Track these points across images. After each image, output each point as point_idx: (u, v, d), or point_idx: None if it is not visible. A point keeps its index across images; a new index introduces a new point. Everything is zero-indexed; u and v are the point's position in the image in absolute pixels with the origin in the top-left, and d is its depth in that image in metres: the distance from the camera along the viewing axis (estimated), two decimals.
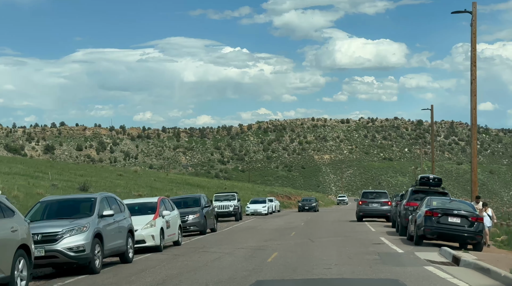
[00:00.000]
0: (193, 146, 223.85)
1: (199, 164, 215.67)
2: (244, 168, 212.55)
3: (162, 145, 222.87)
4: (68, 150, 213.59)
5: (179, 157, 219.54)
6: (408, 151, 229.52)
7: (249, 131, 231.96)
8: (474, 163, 28.12)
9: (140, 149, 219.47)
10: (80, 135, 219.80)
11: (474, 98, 28.22)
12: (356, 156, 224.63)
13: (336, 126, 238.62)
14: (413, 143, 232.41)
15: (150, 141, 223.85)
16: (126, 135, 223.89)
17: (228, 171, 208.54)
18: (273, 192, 71.19)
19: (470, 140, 28.76)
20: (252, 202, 50.45)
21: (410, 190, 25.14)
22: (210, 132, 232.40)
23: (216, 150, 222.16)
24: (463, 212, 18.96)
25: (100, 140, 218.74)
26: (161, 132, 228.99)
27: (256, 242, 21.67)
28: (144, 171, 76.37)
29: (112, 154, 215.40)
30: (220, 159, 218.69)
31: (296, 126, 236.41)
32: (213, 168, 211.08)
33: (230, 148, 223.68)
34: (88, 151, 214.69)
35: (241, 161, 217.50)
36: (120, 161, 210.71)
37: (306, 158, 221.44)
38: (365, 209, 34.65)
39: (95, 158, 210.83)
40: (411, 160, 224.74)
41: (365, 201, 34.76)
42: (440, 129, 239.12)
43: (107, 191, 48.12)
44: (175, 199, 28.70)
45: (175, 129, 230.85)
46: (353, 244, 20.15)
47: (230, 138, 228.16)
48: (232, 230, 30.81)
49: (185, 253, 18.53)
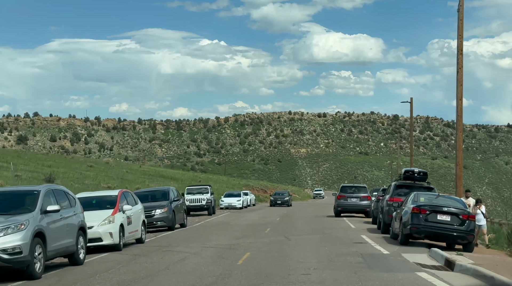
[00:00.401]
0: (169, 138, 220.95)
1: (175, 156, 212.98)
2: (221, 160, 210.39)
3: (138, 136, 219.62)
4: (41, 140, 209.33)
5: (155, 149, 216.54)
6: (384, 145, 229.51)
7: (226, 124, 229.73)
8: (460, 156, 26.45)
9: (116, 140, 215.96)
10: (54, 126, 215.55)
11: (460, 88, 26.55)
12: (333, 150, 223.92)
13: (312, 120, 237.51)
14: (389, 137, 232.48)
15: (126, 133, 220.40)
16: (101, 127, 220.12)
17: (204, 164, 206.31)
18: (249, 185, 69.23)
19: (456, 132, 27.07)
20: (227, 195, 48.45)
21: (393, 184, 23.39)
22: (186, 124, 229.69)
23: (193, 143, 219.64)
24: (453, 209, 17.22)
25: (74, 132, 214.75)
26: (137, 124, 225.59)
27: (228, 240, 19.74)
28: (117, 163, 73.89)
29: (86, 145, 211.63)
30: (197, 151, 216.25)
31: (273, 120, 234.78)
32: (189, 161, 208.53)
33: (206, 141, 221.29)
34: (62, 142, 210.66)
35: (218, 153, 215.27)
36: (95, 152, 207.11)
37: (282, 151, 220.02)
38: (344, 204, 32.89)
39: (69, 149, 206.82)
40: (387, 154, 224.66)
41: (343, 195, 33.01)
42: (416, 125, 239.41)
43: (74, 182, 45.81)
44: (141, 192, 26.62)
45: (151, 121, 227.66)
46: (333, 243, 18.33)
47: (206, 131, 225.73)
48: (204, 225, 28.83)
49: (147, 253, 16.52)
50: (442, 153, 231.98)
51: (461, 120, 26.57)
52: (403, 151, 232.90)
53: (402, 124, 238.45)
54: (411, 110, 50.15)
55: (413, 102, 50.30)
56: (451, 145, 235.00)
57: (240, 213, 40.21)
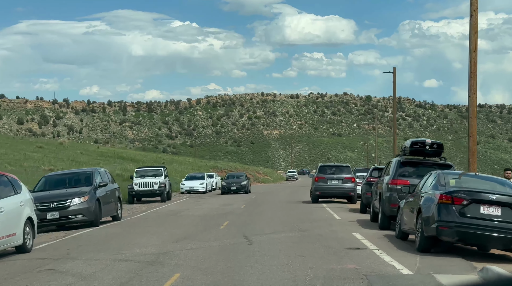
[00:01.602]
0: (140, 120, 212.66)
1: (146, 138, 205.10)
2: (193, 143, 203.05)
3: (108, 119, 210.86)
4: (8, 123, 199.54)
5: (125, 131, 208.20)
6: (357, 126, 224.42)
7: (198, 106, 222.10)
8: (473, 125, 20.00)
9: (85, 123, 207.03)
10: (21, 109, 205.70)
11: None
12: (306, 131, 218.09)
13: (285, 102, 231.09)
14: (362, 118, 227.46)
15: (96, 115, 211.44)
16: (70, 109, 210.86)
17: (176, 146, 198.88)
18: (217, 167, 62.50)
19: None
20: (188, 178, 41.48)
21: (395, 160, 16.68)
22: (158, 106, 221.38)
23: (164, 125, 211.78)
24: (504, 197, 10.73)
25: (42, 114, 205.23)
26: (107, 106, 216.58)
27: (159, 245, 13.05)
28: (72, 144, 66.43)
29: (55, 128, 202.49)
30: (168, 133, 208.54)
31: (245, 101, 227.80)
32: (160, 143, 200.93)
33: (178, 123, 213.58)
34: (30, 124, 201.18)
35: (190, 136, 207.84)
36: (64, 135, 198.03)
37: (255, 133, 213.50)
38: (323, 187, 26.35)
39: (37, 131, 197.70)
40: (360, 135, 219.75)
41: (322, 177, 26.46)
42: (388, 105, 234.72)
43: (10, 165, 38.52)
44: (56, 175, 19.68)
45: (121, 103, 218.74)
46: (316, 250, 11.75)
47: (178, 113, 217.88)
48: (146, 217, 22.06)
49: (14, 275, 9.78)
50: (414, 134, 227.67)
51: (475, 78, 20.05)
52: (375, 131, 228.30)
53: (374, 105, 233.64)
54: (394, 81, 43.82)
55: (395, 73, 43.95)
56: (423, 125, 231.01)
57: (200, 199, 33.53)
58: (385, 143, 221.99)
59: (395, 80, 43.85)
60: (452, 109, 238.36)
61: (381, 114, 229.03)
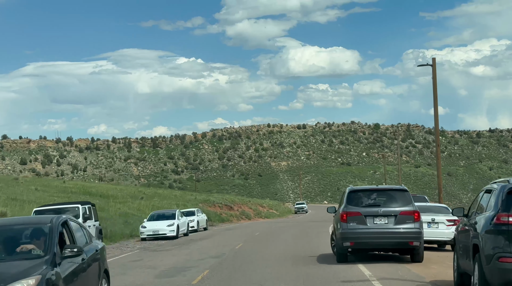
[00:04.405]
0: (145, 156, 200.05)
1: (152, 174, 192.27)
2: (199, 177, 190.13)
3: (113, 156, 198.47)
4: (11, 164, 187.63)
5: (130, 168, 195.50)
6: (366, 155, 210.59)
7: (204, 140, 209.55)
8: None
9: (89, 160, 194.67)
10: (24, 149, 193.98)
11: None
12: (314, 161, 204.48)
13: (292, 132, 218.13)
14: (371, 147, 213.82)
15: (100, 152, 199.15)
16: (74, 147, 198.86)
17: (182, 181, 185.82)
18: (209, 200, 49.23)
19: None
20: (153, 217, 28.08)
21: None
22: (163, 141, 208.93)
23: (170, 160, 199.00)
24: None
25: (46, 153, 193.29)
26: (111, 143, 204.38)
27: None
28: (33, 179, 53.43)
29: (58, 167, 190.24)
30: (174, 169, 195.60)
31: (251, 133, 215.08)
32: (166, 178, 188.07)
33: (184, 157, 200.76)
34: (33, 164, 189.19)
35: (196, 170, 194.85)
36: (68, 174, 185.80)
37: (262, 165, 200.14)
38: (357, 232, 12.88)
39: (40, 171, 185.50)
40: (369, 164, 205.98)
41: (355, 212, 13.05)
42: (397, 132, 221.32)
43: None
44: None
45: (125, 140, 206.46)
46: None
47: (184, 148, 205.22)
48: None
49: None
50: (425, 161, 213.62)
51: None
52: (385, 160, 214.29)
53: (383, 133, 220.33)
54: (433, 72, 30.73)
55: (435, 64, 30.90)
56: (434, 152, 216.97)
57: (157, 253, 20.21)
58: (395, 170, 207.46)
59: (435, 73, 30.78)
60: (462, 135, 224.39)
61: (390, 142, 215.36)
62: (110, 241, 25.19)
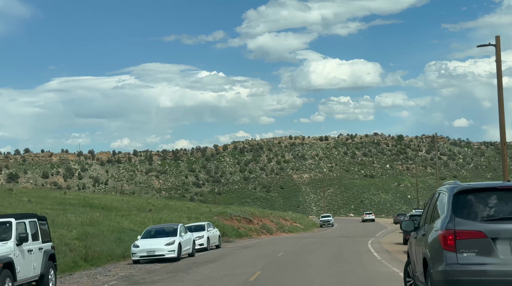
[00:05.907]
0: (166, 169, 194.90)
1: (173, 187, 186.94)
2: (221, 190, 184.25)
3: (134, 169, 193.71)
4: (33, 177, 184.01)
5: (151, 180, 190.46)
6: (390, 167, 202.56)
7: (225, 152, 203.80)
8: None
9: (110, 173, 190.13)
10: (46, 162, 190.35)
11: None
12: (337, 174, 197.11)
13: (314, 144, 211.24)
14: (394, 158, 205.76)
15: (121, 165, 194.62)
16: (96, 161, 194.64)
17: (203, 194, 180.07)
18: (225, 213, 42.99)
19: None
20: (148, 234, 21.91)
21: None
22: (184, 154, 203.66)
23: (191, 173, 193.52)
24: None
25: (67, 167, 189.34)
26: (132, 156, 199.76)
27: None
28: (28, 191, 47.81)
29: (80, 180, 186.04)
30: (195, 181, 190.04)
31: (273, 146, 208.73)
32: (187, 191, 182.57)
33: (205, 170, 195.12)
34: (55, 178, 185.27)
35: (217, 183, 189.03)
36: (89, 187, 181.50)
37: (284, 178, 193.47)
38: (486, 271, 6.36)
39: (62, 185, 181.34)
40: (393, 176, 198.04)
41: (476, 233, 6.42)
42: (422, 144, 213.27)
43: None
44: None
45: (147, 153, 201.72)
46: None
47: (205, 160, 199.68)
48: None
49: None
50: (450, 172, 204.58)
51: None
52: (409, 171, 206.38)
53: (407, 144, 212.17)
54: (497, 53, 24.28)
55: (500, 44, 24.46)
56: (459, 164, 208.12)
57: None
58: (420, 183, 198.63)
59: (500, 54, 24.34)
60: (488, 147, 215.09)
61: (415, 154, 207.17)
62: (91, 265, 19.22)
